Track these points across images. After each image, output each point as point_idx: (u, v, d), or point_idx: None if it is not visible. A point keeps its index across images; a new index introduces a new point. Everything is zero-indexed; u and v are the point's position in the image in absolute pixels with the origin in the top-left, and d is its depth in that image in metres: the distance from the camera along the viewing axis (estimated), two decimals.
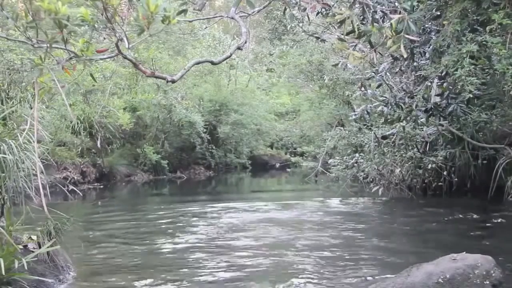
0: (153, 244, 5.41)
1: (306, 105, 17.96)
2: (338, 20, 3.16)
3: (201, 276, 4.20)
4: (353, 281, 3.83)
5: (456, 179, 8.40)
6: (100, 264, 4.55)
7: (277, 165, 21.57)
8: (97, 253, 5.03)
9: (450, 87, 6.03)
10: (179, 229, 6.14)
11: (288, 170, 19.62)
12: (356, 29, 3.30)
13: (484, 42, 5.08)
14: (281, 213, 7.18)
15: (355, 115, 7.45)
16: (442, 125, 7.13)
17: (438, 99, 6.53)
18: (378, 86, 7.03)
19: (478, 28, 5.36)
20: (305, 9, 4.42)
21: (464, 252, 3.06)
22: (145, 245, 5.39)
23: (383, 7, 3.56)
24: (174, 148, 16.33)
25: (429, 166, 8.25)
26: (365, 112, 7.10)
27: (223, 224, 6.24)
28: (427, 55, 6.05)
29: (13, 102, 7.45)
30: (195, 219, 6.78)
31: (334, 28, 7.80)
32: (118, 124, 12.76)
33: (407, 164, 8.61)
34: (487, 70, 5.53)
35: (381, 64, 6.96)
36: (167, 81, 3.49)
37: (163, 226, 6.42)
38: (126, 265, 4.58)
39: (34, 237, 3.79)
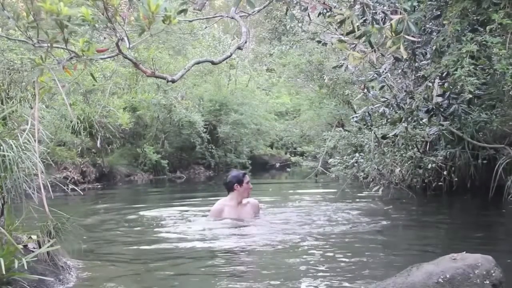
0: (154, 244, 5.41)
1: (306, 105, 17.96)
2: (338, 20, 3.17)
3: (206, 275, 4.20)
4: (352, 281, 3.83)
5: (456, 179, 8.39)
6: (101, 264, 4.55)
7: (277, 165, 21.59)
8: (98, 252, 5.03)
9: (451, 87, 6.03)
10: (183, 228, 6.13)
11: (288, 170, 19.63)
12: (356, 30, 3.31)
13: (484, 42, 5.07)
14: (279, 213, 7.17)
15: (356, 117, 7.45)
16: (442, 125, 7.13)
17: (440, 99, 6.53)
18: (381, 88, 7.03)
19: (478, 28, 5.35)
20: (306, 9, 4.43)
21: (464, 252, 3.06)
22: (146, 245, 5.39)
23: (384, 7, 3.57)
24: (174, 148, 16.34)
25: (429, 166, 8.24)
26: (367, 114, 7.11)
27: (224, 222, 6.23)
28: (428, 55, 6.05)
29: (13, 102, 7.46)
30: (197, 218, 6.78)
31: (335, 29, 7.79)
32: (118, 124, 12.76)
33: (407, 164, 8.61)
34: (487, 70, 5.53)
35: (382, 65, 6.96)
36: (167, 81, 3.50)
37: (165, 225, 6.42)
38: (127, 265, 4.58)
39: (34, 237, 3.79)
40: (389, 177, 8.62)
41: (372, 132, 8.52)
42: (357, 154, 9.35)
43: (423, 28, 5.87)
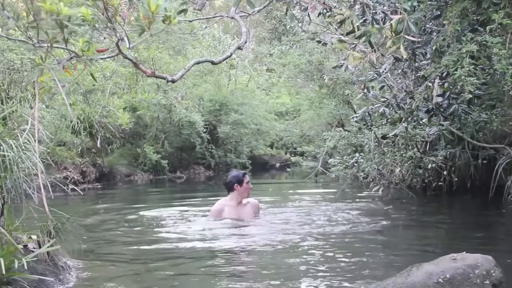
0: (154, 244, 5.41)
1: (306, 105, 17.96)
2: (338, 20, 3.17)
3: (206, 275, 4.20)
4: (352, 281, 3.83)
5: (456, 179, 8.40)
6: (101, 264, 4.55)
7: (277, 165, 21.59)
8: (98, 252, 5.03)
9: (451, 87, 6.03)
10: (183, 228, 6.13)
11: (288, 170, 19.64)
12: (356, 30, 3.31)
13: (484, 42, 5.07)
14: (279, 213, 7.17)
15: (356, 117, 7.46)
16: (442, 125, 7.14)
17: (440, 99, 6.53)
18: (381, 88, 7.03)
19: (478, 28, 5.35)
20: (306, 9, 4.43)
21: (464, 252, 3.06)
22: (146, 245, 5.39)
23: (384, 7, 3.57)
24: (174, 148, 16.34)
25: (429, 166, 8.24)
26: (367, 114, 7.11)
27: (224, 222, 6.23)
28: (428, 55, 6.05)
29: (13, 102, 7.47)
30: (197, 218, 6.78)
31: (335, 29, 7.80)
32: (118, 124, 12.76)
33: (407, 164, 8.61)
34: (487, 70, 5.53)
35: (382, 64, 6.96)
36: (167, 81, 3.51)
37: (165, 225, 6.42)
38: (127, 265, 4.58)
39: (34, 237, 3.78)
40: (389, 177, 8.63)
41: (372, 132, 8.53)
42: (357, 154, 9.34)
43: (423, 28, 5.87)
